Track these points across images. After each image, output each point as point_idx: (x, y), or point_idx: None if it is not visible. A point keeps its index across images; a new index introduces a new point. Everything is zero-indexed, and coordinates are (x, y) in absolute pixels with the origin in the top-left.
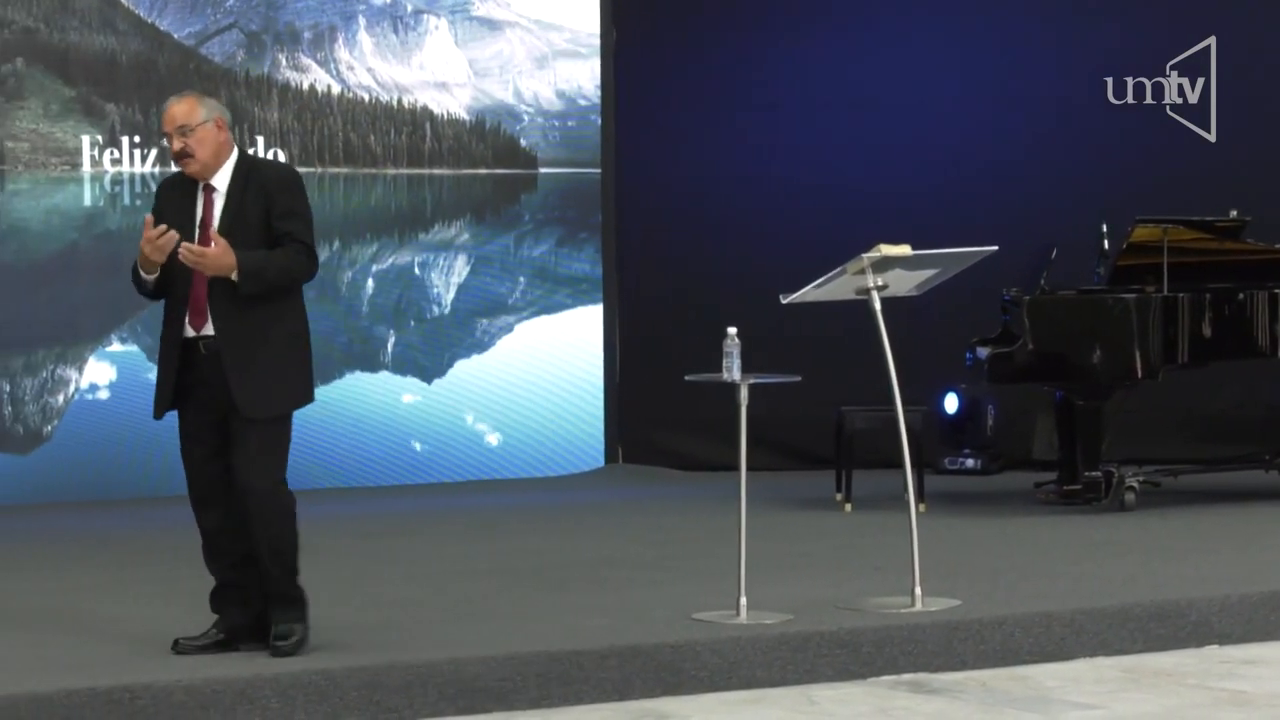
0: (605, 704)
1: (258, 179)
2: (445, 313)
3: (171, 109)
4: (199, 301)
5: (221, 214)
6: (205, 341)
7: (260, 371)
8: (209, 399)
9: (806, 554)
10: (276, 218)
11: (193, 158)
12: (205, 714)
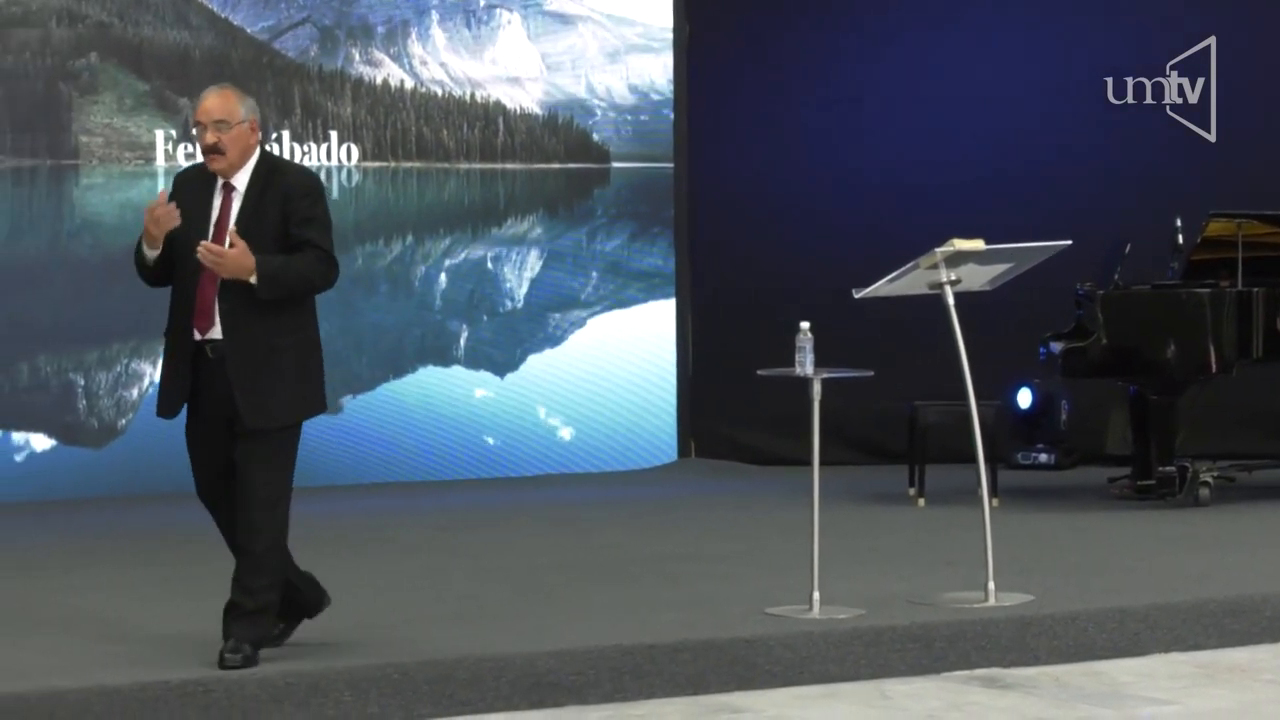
0: (678, 698)
1: (279, 182)
2: (518, 307)
3: (209, 102)
4: (205, 304)
5: (239, 214)
6: (211, 345)
7: (266, 381)
8: (214, 403)
9: (879, 549)
10: (296, 224)
11: (223, 155)
12: (279, 707)
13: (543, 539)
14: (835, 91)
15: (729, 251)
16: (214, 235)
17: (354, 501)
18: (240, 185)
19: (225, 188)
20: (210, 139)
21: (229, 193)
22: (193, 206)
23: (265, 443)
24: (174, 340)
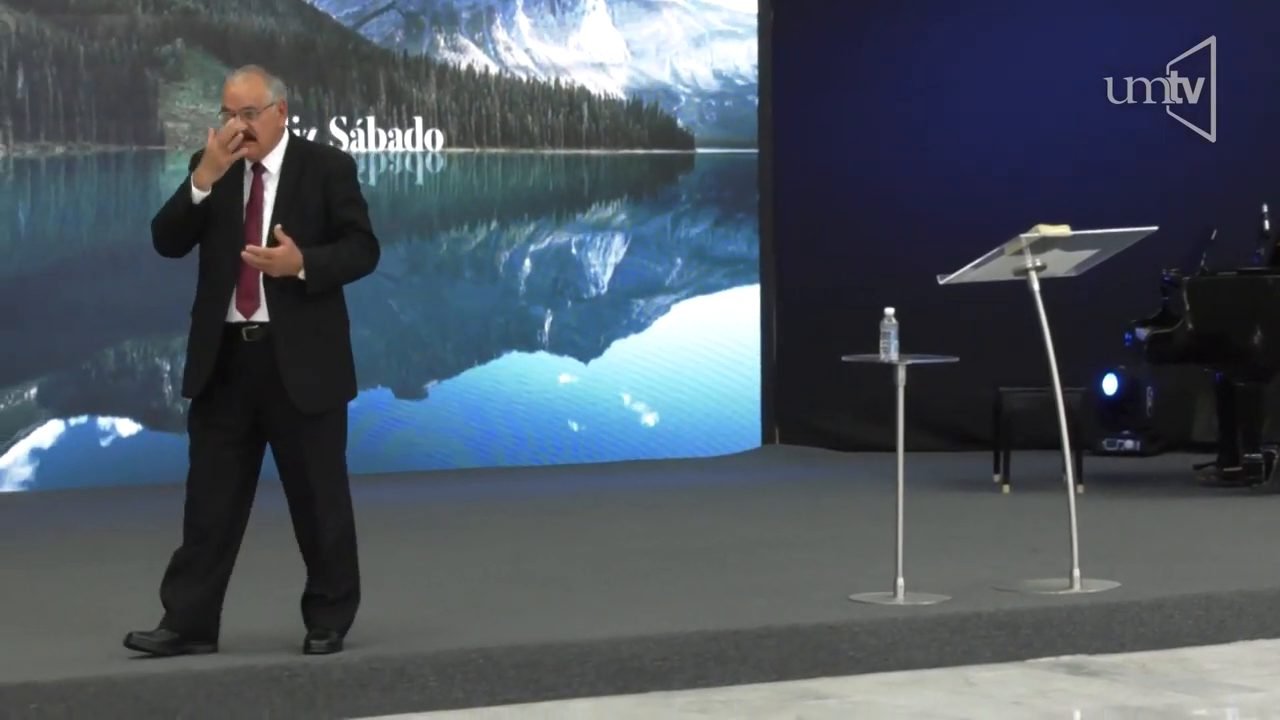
0: (763, 684)
1: (315, 165)
2: (602, 293)
3: (237, 88)
4: (249, 285)
5: (276, 199)
6: (250, 329)
7: (315, 363)
8: (247, 388)
9: (964, 535)
10: (338, 205)
11: (255, 140)
12: (363, 692)
13: (627, 525)
14: (921, 77)
15: (813, 237)
16: (248, 218)
17: (439, 487)
18: (273, 168)
19: (257, 169)
20: (239, 126)
21: (260, 174)
22: (220, 188)
23: (317, 431)
24: (206, 320)
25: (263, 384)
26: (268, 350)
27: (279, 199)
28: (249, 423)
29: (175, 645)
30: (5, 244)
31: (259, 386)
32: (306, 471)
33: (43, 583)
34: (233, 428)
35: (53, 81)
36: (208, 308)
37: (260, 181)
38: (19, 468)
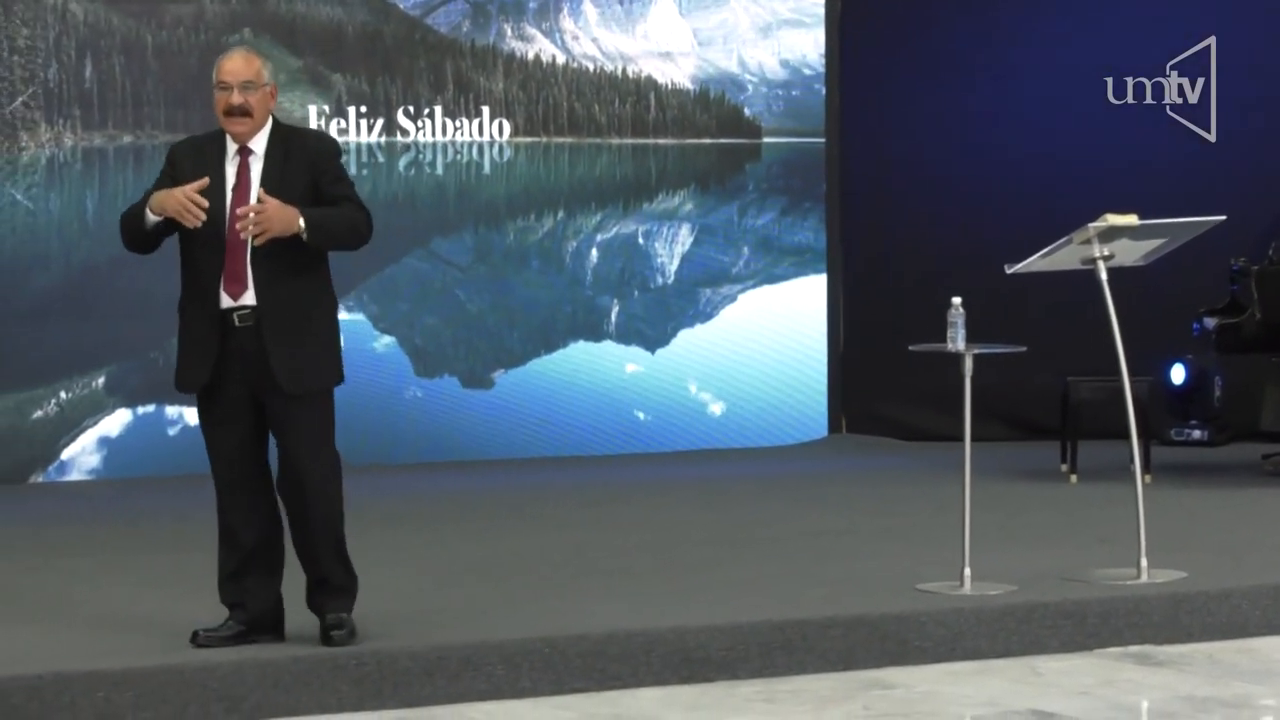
0: (829, 674)
1: (301, 147)
2: (669, 282)
3: (235, 63)
4: (236, 269)
5: (263, 178)
6: (241, 313)
7: (303, 345)
8: (243, 374)
9: (1031, 525)
10: (328, 184)
11: (250, 117)
12: (430, 680)
13: (693, 514)
14: (988, 65)
15: (880, 226)
16: (234, 199)
17: (505, 476)
18: (259, 150)
19: (241, 152)
20: (238, 99)
21: (246, 157)
22: (203, 173)
23: (306, 415)
24: (197, 311)
25: (256, 369)
26: (258, 334)
27: (265, 180)
28: (255, 411)
29: (243, 637)
30: (73, 234)
31: (254, 372)
32: (298, 454)
33: (110, 571)
34: (241, 419)
35: (120, 71)
36: (197, 298)
37: (246, 163)
38: (87, 456)
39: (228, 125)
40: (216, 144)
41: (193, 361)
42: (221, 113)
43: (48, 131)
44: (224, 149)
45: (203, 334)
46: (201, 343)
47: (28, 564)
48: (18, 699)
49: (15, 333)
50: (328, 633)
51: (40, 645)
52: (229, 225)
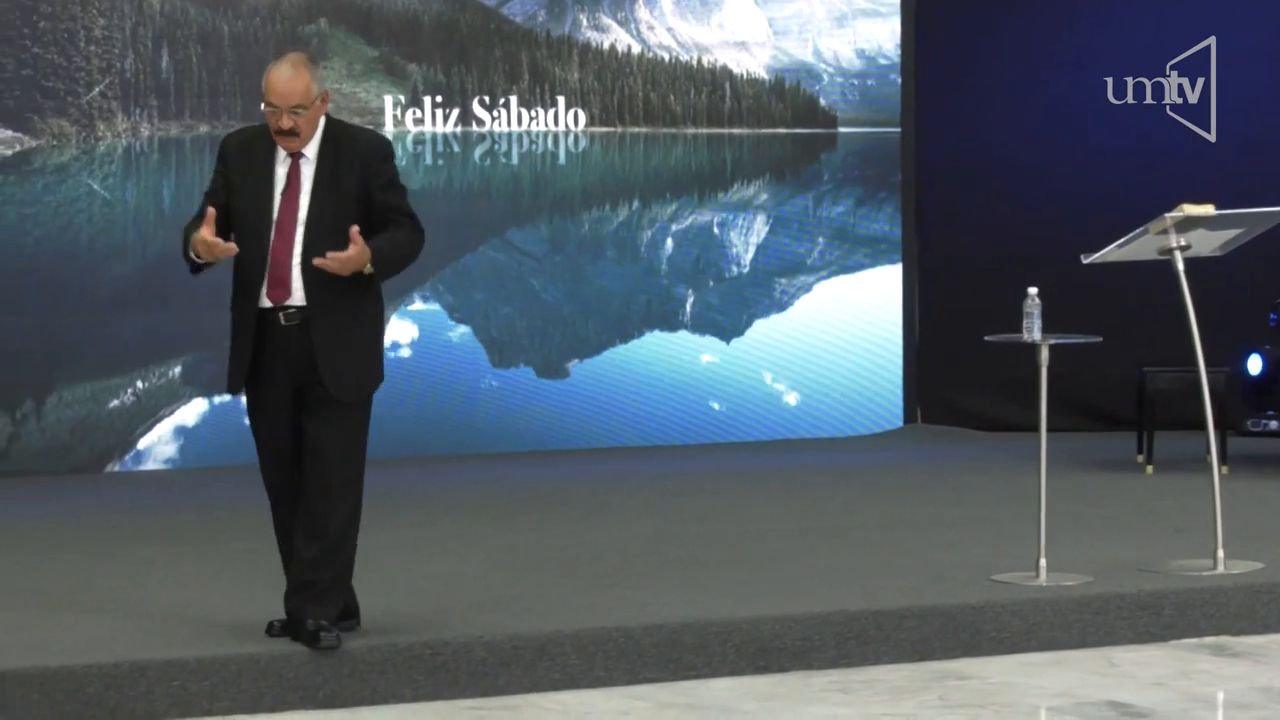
0: (904, 664)
1: (351, 148)
2: (744, 272)
3: (285, 85)
4: (281, 271)
5: (314, 184)
6: (287, 313)
7: (351, 350)
8: (285, 372)
9: (1107, 516)
10: (379, 189)
11: (298, 137)
12: (506, 670)
13: (768, 504)
14: (1063, 55)
15: (956, 216)
16: (282, 204)
17: (579, 466)
18: (310, 153)
19: (292, 155)
20: (287, 124)
21: (297, 159)
22: (253, 172)
23: (346, 416)
24: (242, 312)
25: (300, 368)
26: (305, 334)
27: (317, 183)
28: (296, 405)
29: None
30: (150, 223)
31: (297, 370)
32: (329, 456)
33: (186, 560)
34: (284, 417)
35: (197, 61)
36: (242, 298)
37: (297, 166)
38: (163, 445)
39: (278, 141)
40: (268, 141)
41: (235, 362)
42: (272, 130)
43: (124, 121)
44: (275, 148)
45: (243, 335)
46: (242, 344)
47: (104, 553)
48: (94, 688)
49: (92, 323)
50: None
51: (116, 634)
52: (277, 231)
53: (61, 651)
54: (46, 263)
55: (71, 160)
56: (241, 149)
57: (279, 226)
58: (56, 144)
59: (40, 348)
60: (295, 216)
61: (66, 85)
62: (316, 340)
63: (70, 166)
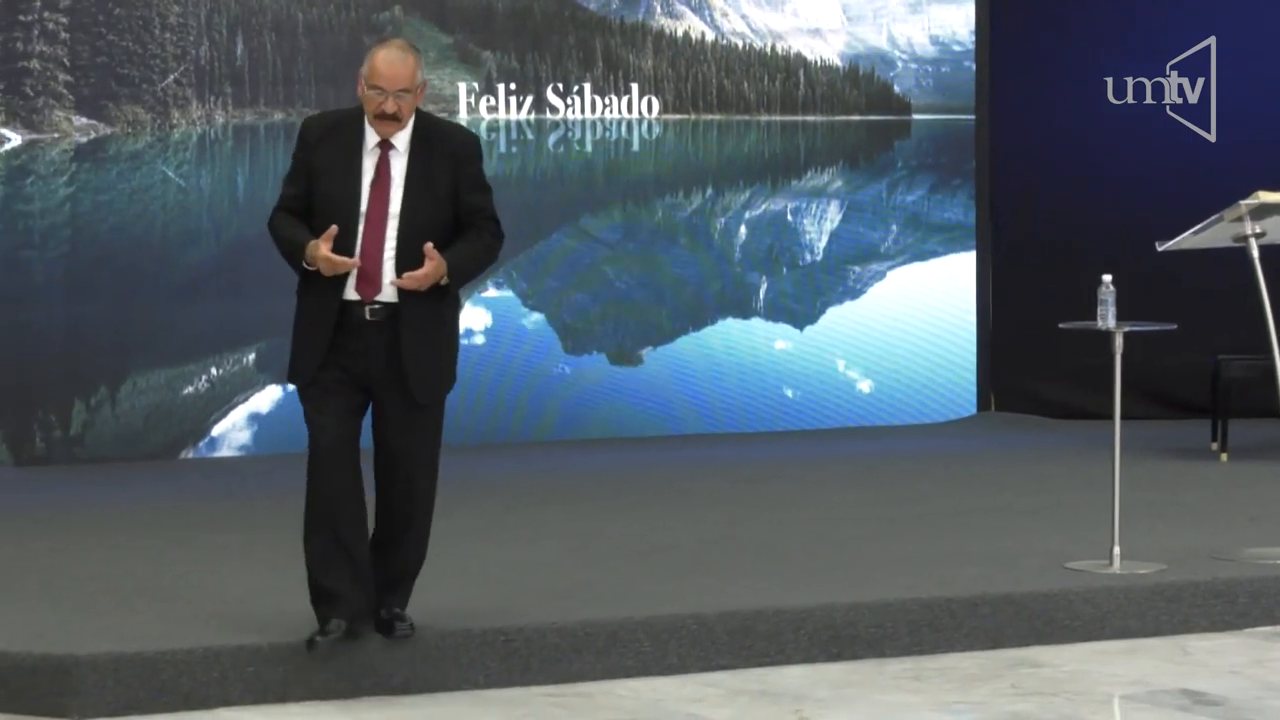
0: (977, 652)
1: (443, 143)
2: (817, 259)
3: (395, 68)
4: (372, 267)
5: (407, 179)
6: (374, 308)
7: (434, 351)
8: (360, 369)
9: (1181, 504)
10: (467, 190)
11: (399, 122)
12: (578, 656)
13: (841, 491)
14: (1139, 41)
15: (1030, 203)
16: (372, 196)
17: (653, 453)
18: (400, 145)
19: (383, 145)
20: (391, 108)
21: (387, 150)
22: (339, 160)
23: (425, 418)
24: (319, 300)
25: (376, 366)
26: (388, 332)
27: (410, 177)
28: (360, 400)
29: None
30: (224, 211)
31: (375, 368)
32: (411, 459)
33: (259, 546)
34: (344, 411)
35: (271, 49)
36: (321, 288)
37: (386, 158)
38: (237, 432)
39: (376, 126)
40: (354, 129)
41: (310, 352)
42: (371, 113)
43: (199, 109)
44: (362, 137)
45: (323, 325)
46: (317, 335)
47: (178, 539)
48: (167, 674)
49: (166, 309)
50: (395, 622)
51: (190, 620)
52: (366, 223)
53: (135, 637)
54: (121, 250)
55: (146, 147)
56: (326, 135)
57: (368, 219)
58: (131, 131)
59: (115, 335)
60: (385, 210)
61: (142, 73)
62: (405, 342)
63: (145, 154)
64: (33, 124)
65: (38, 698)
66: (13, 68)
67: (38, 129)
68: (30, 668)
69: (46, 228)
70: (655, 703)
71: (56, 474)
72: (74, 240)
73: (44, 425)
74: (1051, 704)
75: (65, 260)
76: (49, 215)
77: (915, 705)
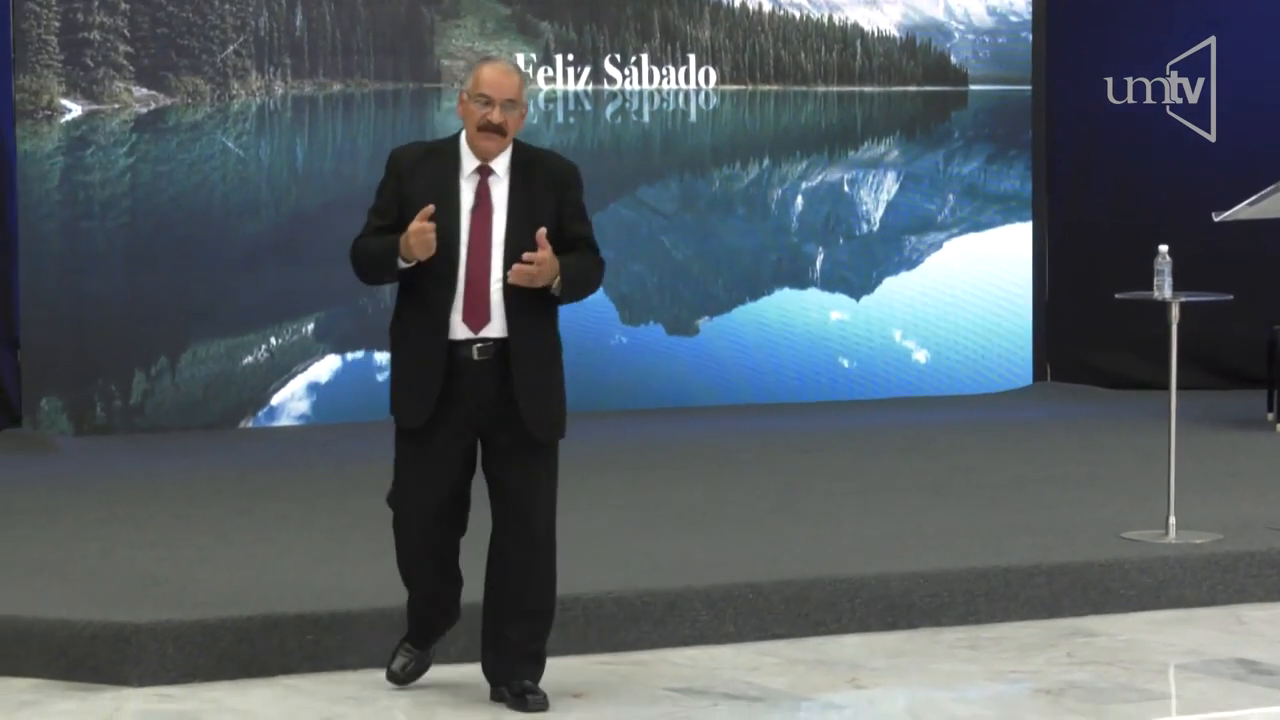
0: (1033, 621)
1: (545, 171)
2: (874, 230)
3: (501, 79)
4: (479, 298)
5: (510, 201)
6: (482, 346)
7: (548, 386)
8: (471, 412)
9: (1237, 474)
10: (569, 218)
11: (504, 136)
12: (635, 625)
13: (897, 461)
14: (1195, 13)
15: (1086, 174)
16: (473, 224)
17: (710, 422)
18: (500, 170)
19: (483, 171)
20: (498, 119)
21: (485, 176)
22: (435, 187)
23: (547, 458)
24: (423, 339)
25: (487, 407)
26: (498, 369)
27: (513, 202)
28: (471, 448)
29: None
30: (283, 181)
31: (483, 409)
32: (527, 497)
33: (318, 515)
34: (457, 459)
35: (330, 20)
36: (424, 324)
37: (486, 184)
38: (296, 402)
39: (479, 140)
40: (449, 155)
41: (416, 395)
42: (475, 126)
43: (258, 80)
44: (458, 164)
45: (429, 367)
46: (427, 377)
47: (238, 508)
48: (227, 641)
49: (226, 279)
50: (527, 696)
51: (250, 588)
52: (469, 252)
53: (196, 605)
54: (181, 220)
55: (206, 118)
56: (418, 162)
57: (471, 247)
58: (191, 102)
59: (175, 305)
60: (489, 237)
61: (201, 44)
62: (517, 377)
63: (205, 124)
64: (93, 95)
65: (98, 666)
66: (73, 39)
67: (98, 100)
68: (90, 636)
69: (107, 198)
70: (712, 671)
71: (117, 443)
72: (134, 210)
73: (104, 395)
74: (1107, 673)
75: (125, 230)
76: (109, 186)
77: (970, 674)
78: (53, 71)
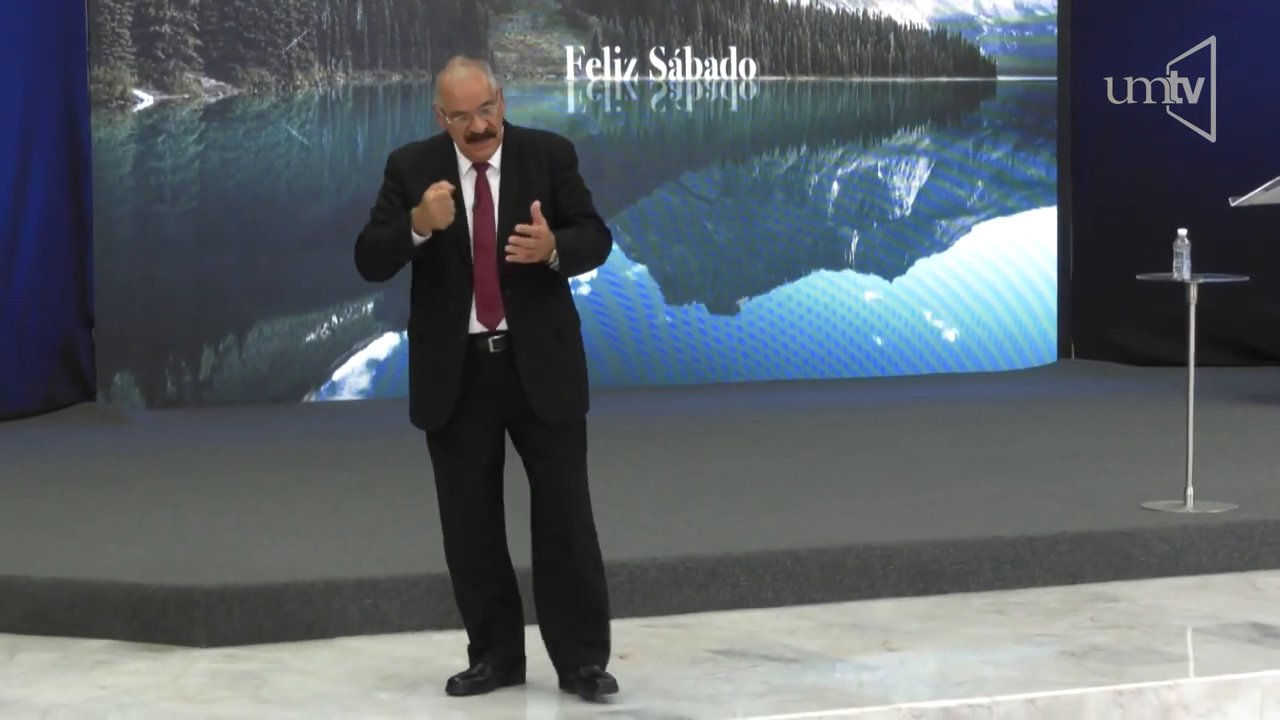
0: (1057, 587)
1: (536, 150)
2: (906, 214)
3: (468, 88)
4: (490, 295)
5: (503, 191)
6: (495, 339)
7: (557, 372)
8: (492, 407)
9: (1253, 447)
10: (566, 194)
11: (494, 136)
12: (678, 590)
13: (928, 434)
14: (1220, 7)
15: (1109, 160)
16: (477, 218)
17: (749, 397)
18: (495, 162)
19: (477, 167)
20: (481, 125)
21: (483, 171)
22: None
23: (563, 439)
24: (440, 339)
25: (506, 400)
26: (511, 362)
27: (505, 191)
28: (498, 442)
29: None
30: (345, 168)
31: (503, 403)
32: (555, 481)
33: (377, 485)
34: (485, 455)
35: (389, 13)
36: (439, 325)
37: (484, 179)
38: (356, 377)
39: (472, 151)
40: (445, 155)
41: (435, 396)
42: (463, 139)
43: (321, 71)
44: (456, 162)
45: (447, 366)
46: (445, 376)
47: (301, 478)
48: (290, 605)
49: (290, 261)
50: (596, 680)
51: (312, 554)
52: (475, 247)
53: (261, 570)
54: (247, 205)
55: (271, 108)
56: (417, 164)
57: (478, 245)
58: (257, 92)
59: (241, 285)
60: (492, 230)
61: (267, 37)
62: (521, 365)
63: (270, 114)
64: (164, 85)
65: (168, 627)
66: (145, 32)
67: (169, 90)
68: (161, 599)
69: (177, 184)
70: (751, 634)
71: (186, 416)
72: (203, 196)
73: (175, 370)
74: (1128, 636)
75: (194, 215)
76: (179, 172)
77: (998, 637)
78: (126, 63)
